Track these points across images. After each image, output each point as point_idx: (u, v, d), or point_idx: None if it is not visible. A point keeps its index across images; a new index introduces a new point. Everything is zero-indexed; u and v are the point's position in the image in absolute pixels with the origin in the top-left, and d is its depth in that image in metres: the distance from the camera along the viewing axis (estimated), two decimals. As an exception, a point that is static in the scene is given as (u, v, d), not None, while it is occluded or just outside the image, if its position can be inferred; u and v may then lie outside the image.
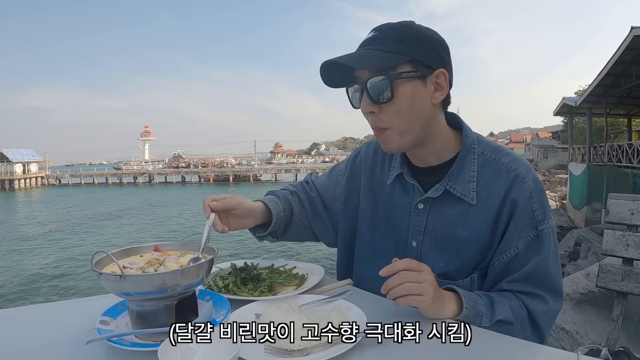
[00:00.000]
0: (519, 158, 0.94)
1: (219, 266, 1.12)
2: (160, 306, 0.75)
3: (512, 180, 0.90)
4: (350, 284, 1.01)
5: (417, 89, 0.86)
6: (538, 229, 0.89)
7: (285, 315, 0.75)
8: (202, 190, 44.76)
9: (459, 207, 0.92)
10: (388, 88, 0.84)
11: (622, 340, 1.88)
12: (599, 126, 19.92)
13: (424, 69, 0.85)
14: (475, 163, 0.93)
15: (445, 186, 0.92)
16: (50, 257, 14.35)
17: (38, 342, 0.76)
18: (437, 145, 0.95)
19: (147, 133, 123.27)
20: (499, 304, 0.87)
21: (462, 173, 0.92)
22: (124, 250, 0.85)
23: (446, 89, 0.89)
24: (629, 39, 10.65)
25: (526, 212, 0.89)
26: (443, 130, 0.94)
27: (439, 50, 0.88)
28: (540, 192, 0.90)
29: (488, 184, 0.91)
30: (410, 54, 0.84)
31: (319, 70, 0.87)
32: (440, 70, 0.87)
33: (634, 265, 1.46)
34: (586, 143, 16.49)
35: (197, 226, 20.40)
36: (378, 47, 0.85)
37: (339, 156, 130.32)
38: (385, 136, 0.90)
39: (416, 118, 0.87)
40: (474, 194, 0.91)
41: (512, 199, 0.89)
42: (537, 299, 0.89)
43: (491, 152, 0.94)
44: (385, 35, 0.86)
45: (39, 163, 57.15)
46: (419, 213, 0.96)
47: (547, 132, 59.13)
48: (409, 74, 0.84)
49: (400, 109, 0.86)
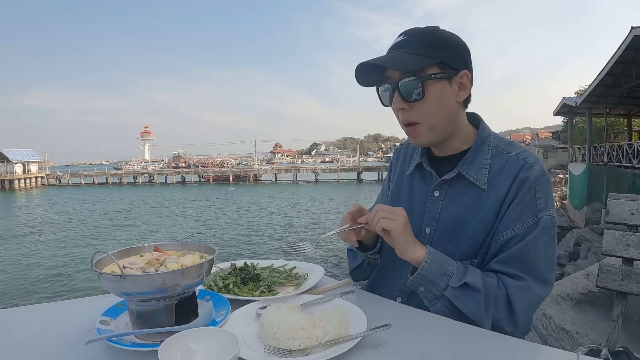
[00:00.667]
0: (529, 151, 1.00)
1: (219, 266, 1.12)
2: (160, 306, 0.75)
3: (521, 166, 0.95)
4: (350, 284, 1.01)
5: (444, 88, 0.94)
6: (538, 216, 0.92)
7: (285, 315, 0.75)
8: (202, 190, 44.76)
9: (472, 193, 0.98)
10: (420, 88, 0.92)
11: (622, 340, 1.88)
12: (599, 126, 19.92)
13: (450, 70, 0.93)
14: (489, 153, 1.00)
15: (459, 169, 0.98)
16: (50, 257, 14.34)
17: (38, 342, 0.76)
18: (458, 139, 1.02)
19: (147, 133, 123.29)
20: (471, 270, 0.90)
21: (475, 160, 0.99)
22: (124, 250, 0.85)
23: (469, 88, 0.98)
24: (629, 39, 10.64)
25: (529, 197, 0.92)
26: (464, 126, 1.03)
27: (462, 53, 0.96)
28: (546, 182, 0.94)
29: (499, 171, 0.97)
30: (438, 56, 0.92)
31: (354, 70, 0.94)
32: (464, 72, 0.96)
33: (634, 265, 1.46)
34: (586, 143, 16.49)
35: (196, 226, 20.42)
36: (409, 50, 0.93)
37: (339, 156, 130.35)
38: (416, 131, 0.97)
39: (443, 114, 0.96)
40: (486, 180, 0.97)
41: (518, 181, 0.93)
42: (518, 281, 0.90)
43: (504, 145, 1.01)
44: (415, 39, 0.94)
45: (39, 163, 57.15)
46: (435, 200, 1.02)
47: (547, 132, 59.12)
48: (438, 75, 0.92)
49: (430, 106, 0.94)
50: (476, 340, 0.74)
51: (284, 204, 29.30)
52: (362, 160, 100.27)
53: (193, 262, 0.80)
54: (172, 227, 20.30)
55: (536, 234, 0.91)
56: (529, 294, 0.89)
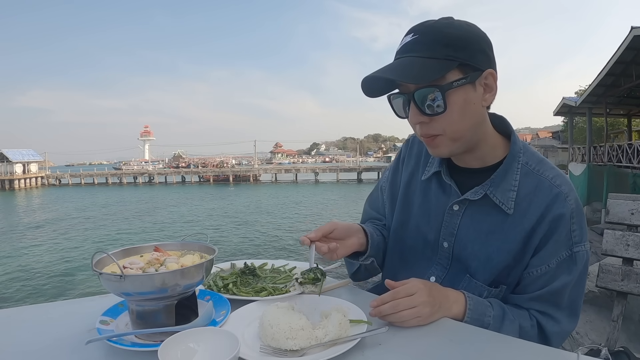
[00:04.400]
0: (562, 175, 0.90)
1: (219, 266, 1.12)
2: (160, 306, 0.75)
3: (555, 196, 0.86)
4: (350, 284, 1.01)
5: (468, 94, 0.82)
6: (573, 250, 0.86)
7: (284, 316, 0.75)
8: (202, 190, 44.76)
9: (495, 215, 0.89)
10: (440, 99, 0.79)
11: (622, 340, 1.88)
12: (599, 126, 19.92)
13: (472, 72, 0.81)
14: (519, 172, 0.89)
15: (486, 191, 0.89)
16: (50, 257, 14.34)
17: (38, 342, 0.76)
18: (483, 150, 0.92)
19: (147, 133, 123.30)
20: (509, 322, 0.85)
21: (504, 180, 0.89)
22: (124, 250, 0.85)
23: (495, 89, 0.85)
24: (629, 39, 10.65)
25: (565, 232, 0.86)
26: (490, 135, 0.91)
27: (484, 48, 0.83)
28: (581, 213, 0.87)
29: (529, 195, 0.88)
30: (459, 58, 0.79)
31: (360, 82, 0.83)
32: (489, 71, 0.83)
33: (634, 265, 1.45)
34: (586, 143, 16.50)
35: (196, 226, 20.41)
36: (422, 53, 0.79)
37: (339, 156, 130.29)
38: (436, 141, 0.86)
39: (468, 125, 0.84)
40: (512, 204, 0.87)
41: (553, 217, 0.85)
42: (551, 320, 0.88)
43: (536, 163, 0.91)
44: (428, 38, 0.80)
45: (39, 163, 57.15)
46: (453, 214, 0.94)
47: (547, 132, 59.09)
48: (460, 81, 0.79)
49: (453, 118, 0.82)
50: (476, 340, 0.74)
51: (284, 204, 29.29)
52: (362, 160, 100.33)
53: (193, 262, 0.80)
54: (172, 227, 20.29)
55: (573, 271, 0.86)
56: (562, 335, 0.89)
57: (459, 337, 0.75)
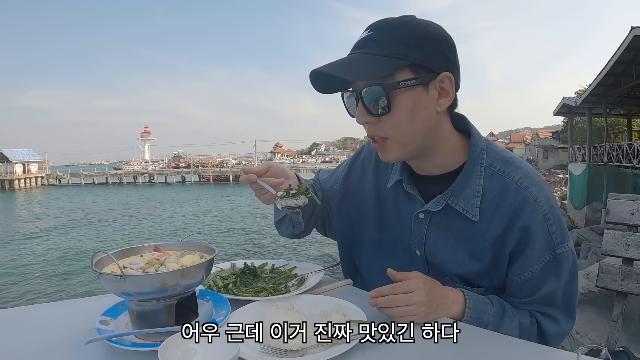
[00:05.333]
0: (531, 174, 0.85)
1: (219, 266, 1.12)
2: (160, 306, 0.75)
3: (523, 201, 0.82)
4: (350, 284, 1.01)
5: (418, 97, 0.78)
6: (556, 252, 0.83)
7: (284, 316, 0.75)
8: (202, 189, 44.78)
9: (461, 222, 0.86)
10: (384, 99, 0.76)
11: (622, 340, 1.88)
12: (599, 126, 19.92)
13: (426, 73, 0.77)
14: (482, 176, 0.85)
15: (447, 200, 0.86)
16: (50, 257, 14.34)
17: (38, 342, 0.76)
18: (441, 156, 0.87)
19: (147, 133, 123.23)
20: (508, 319, 0.85)
21: (466, 187, 0.85)
22: (124, 250, 0.85)
23: (452, 94, 0.80)
24: (629, 39, 10.64)
25: (542, 235, 0.82)
26: (448, 139, 0.87)
27: (443, 50, 0.78)
28: (556, 212, 0.83)
29: (495, 200, 0.84)
30: (410, 57, 0.75)
31: (309, 77, 0.79)
32: (445, 74, 0.78)
33: (634, 265, 1.45)
34: (586, 143, 16.49)
35: (196, 226, 20.41)
36: (373, 50, 0.76)
37: (339, 156, 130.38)
38: (384, 145, 0.83)
39: (418, 129, 0.80)
40: (477, 211, 0.84)
41: (523, 224, 0.81)
42: (550, 319, 0.88)
43: (501, 164, 0.86)
44: (382, 34, 0.77)
45: (39, 163, 57.17)
46: (420, 223, 0.91)
47: (547, 132, 59.14)
48: (409, 82, 0.76)
49: (400, 120, 0.78)
50: (476, 341, 0.74)
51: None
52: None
53: (193, 262, 0.80)
54: (172, 227, 20.29)
55: (560, 273, 0.84)
56: (559, 331, 0.88)
57: (459, 337, 0.75)
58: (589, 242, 8.47)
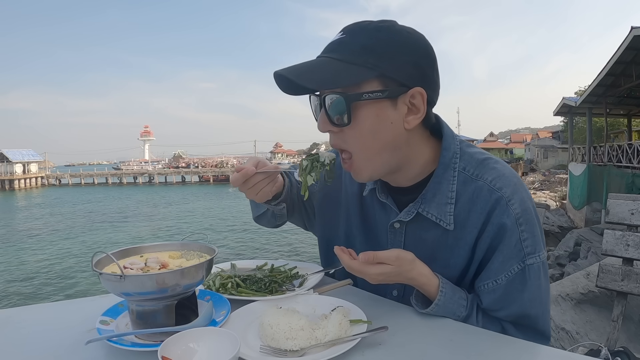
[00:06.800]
0: (505, 175, 0.79)
1: (219, 266, 1.12)
2: (160, 306, 0.75)
3: (495, 202, 0.77)
4: (351, 284, 1.01)
5: (384, 111, 0.72)
6: (525, 263, 0.77)
7: (284, 316, 0.75)
8: (202, 189, 44.80)
9: (436, 231, 0.82)
10: (345, 110, 0.71)
11: (622, 340, 1.88)
12: (599, 126, 19.95)
13: (395, 87, 0.71)
14: (455, 181, 0.80)
15: (418, 209, 0.81)
16: (50, 257, 14.34)
17: (38, 342, 0.76)
18: (413, 170, 0.83)
19: (147, 133, 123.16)
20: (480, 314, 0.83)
21: (438, 194, 0.80)
22: (124, 250, 0.85)
23: (423, 111, 0.74)
24: (629, 39, 10.65)
25: (513, 242, 0.76)
26: (422, 153, 0.82)
27: (420, 62, 0.73)
28: (530, 218, 0.77)
29: (467, 205, 0.79)
30: (380, 67, 0.69)
31: (273, 78, 0.73)
32: (417, 90, 0.72)
33: (634, 265, 1.46)
34: (586, 143, 16.50)
35: (196, 226, 20.40)
36: (341, 55, 0.71)
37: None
38: (353, 165, 0.79)
39: (382, 145, 0.75)
40: (451, 218, 0.79)
41: (495, 226, 0.77)
42: (522, 329, 0.82)
43: (474, 167, 0.81)
44: (354, 39, 0.71)
45: (39, 163, 57.20)
46: (396, 232, 0.87)
47: (547, 132, 59.16)
48: (374, 94, 0.70)
49: (361, 134, 0.73)
50: (476, 341, 0.74)
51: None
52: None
53: (193, 262, 0.80)
54: (172, 227, 20.29)
55: (525, 288, 0.78)
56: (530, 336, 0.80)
57: (459, 337, 0.75)
58: (589, 242, 8.47)
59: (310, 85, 0.70)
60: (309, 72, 0.71)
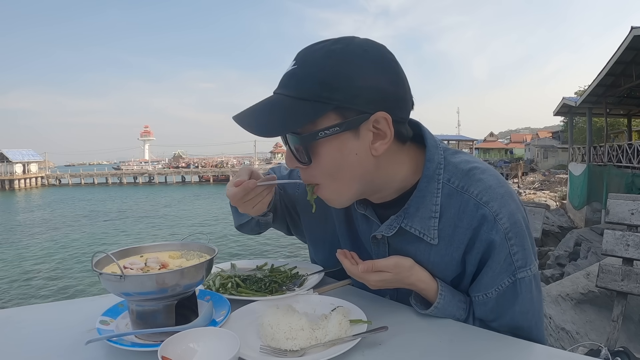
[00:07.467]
0: (492, 187, 0.75)
1: (219, 266, 1.12)
2: (160, 306, 0.75)
3: (482, 218, 0.73)
4: (350, 284, 1.01)
5: (345, 144, 0.68)
6: (516, 277, 0.75)
7: (284, 316, 0.75)
8: (202, 189, 44.80)
9: (419, 245, 0.79)
10: (302, 151, 0.68)
11: (622, 340, 1.88)
12: (599, 126, 19.95)
13: (355, 116, 0.66)
14: (439, 194, 0.76)
15: (400, 223, 0.78)
16: (50, 257, 14.34)
17: (38, 342, 0.76)
18: (393, 187, 0.79)
19: (147, 133, 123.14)
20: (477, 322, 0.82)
21: (421, 207, 0.77)
22: (124, 250, 0.85)
23: (390, 135, 0.69)
24: (629, 39, 10.65)
25: (502, 257, 0.74)
26: (398, 170, 0.78)
27: (379, 84, 0.67)
28: (520, 231, 0.74)
29: (452, 220, 0.76)
30: (335, 99, 0.65)
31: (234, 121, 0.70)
32: (380, 115, 0.67)
33: (634, 265, 1.46)
34: (586, 143, 16.50)
35: (196, 226, 20.41)
36: (293, 91, 0.67)
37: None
38: (324, 194, 0.75)
39: (350, 176, 0.72)
40: (435, 233, 0.76)
41: (483, 243, 0.74)
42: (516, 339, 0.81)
43: (459, 178, 0.76)
44: (304, 71, 0.67)
45: (39, 163, 57.23)
46: (379, 243, 0.85)
47: (547, 132, 59.18)
48: (331, 129, 0.66)
49: (326, 171, 0.71)
50: (476, 340, 0.74)
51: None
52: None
53: (193, 262, 0.80)
54: (172, 227, 20.30)
55: (516, 302, 0.77)
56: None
57: (459, 337, 0.75)
58: (589, 242, 8.47)
59: (261, 133, 0.67)
60: (261, 117, 0.68)
